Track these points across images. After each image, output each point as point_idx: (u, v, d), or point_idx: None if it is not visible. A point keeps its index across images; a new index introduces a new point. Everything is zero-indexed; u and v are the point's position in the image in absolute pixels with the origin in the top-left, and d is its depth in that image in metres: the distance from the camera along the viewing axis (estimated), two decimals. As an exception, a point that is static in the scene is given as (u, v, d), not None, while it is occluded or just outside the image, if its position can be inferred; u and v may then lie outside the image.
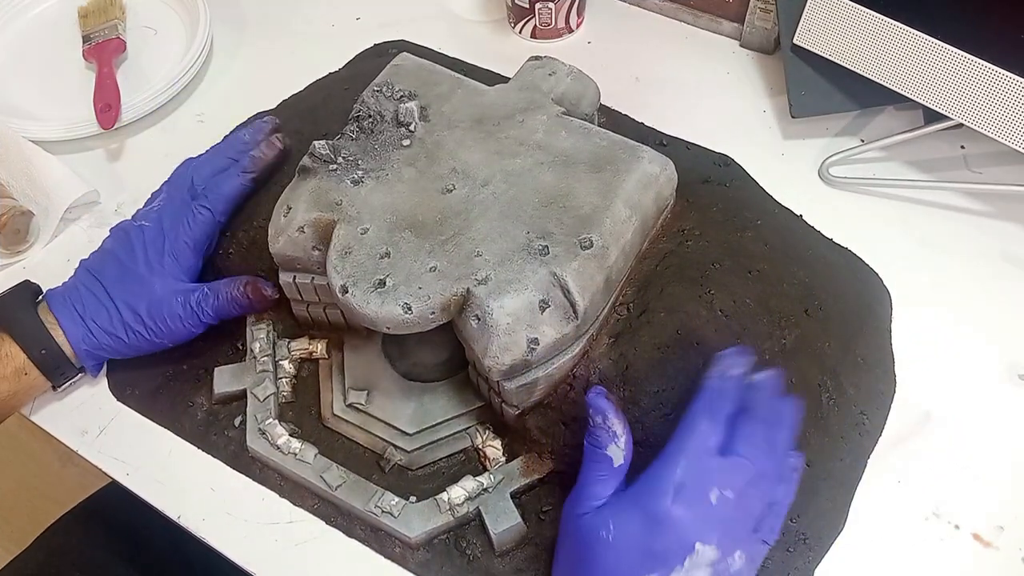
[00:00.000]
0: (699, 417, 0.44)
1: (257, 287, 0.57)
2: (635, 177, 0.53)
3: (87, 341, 0.55)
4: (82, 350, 0.55)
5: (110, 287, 0.56)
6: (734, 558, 0.42)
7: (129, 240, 0.57)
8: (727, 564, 0.41)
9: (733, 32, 0.79)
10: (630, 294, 0.54)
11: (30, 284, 0.58)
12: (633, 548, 0.42)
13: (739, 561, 0.42)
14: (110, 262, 0.57)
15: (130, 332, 0.55)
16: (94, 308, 0.55)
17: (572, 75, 0.60)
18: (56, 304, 0.56)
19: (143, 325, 0.55)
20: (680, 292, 0.53)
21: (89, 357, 0.56)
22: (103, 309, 0.55)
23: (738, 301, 0.53)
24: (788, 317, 0.54)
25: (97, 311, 0.55)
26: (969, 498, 0.53)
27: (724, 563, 0.41)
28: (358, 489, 0.53)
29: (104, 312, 0.55)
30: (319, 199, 0.53)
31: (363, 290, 0.49)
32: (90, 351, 0.56)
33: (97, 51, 0.79)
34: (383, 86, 0.58)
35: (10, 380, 0.54)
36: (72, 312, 0.55)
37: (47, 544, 0.70)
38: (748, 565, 0.43)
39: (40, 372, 0.55)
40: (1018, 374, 0.58)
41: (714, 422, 0.43)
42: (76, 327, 0.55)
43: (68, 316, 0.55)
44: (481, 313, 0.48)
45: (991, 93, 0.59)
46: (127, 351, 0.57)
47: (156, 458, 0.57)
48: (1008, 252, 0.64)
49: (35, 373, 0.55)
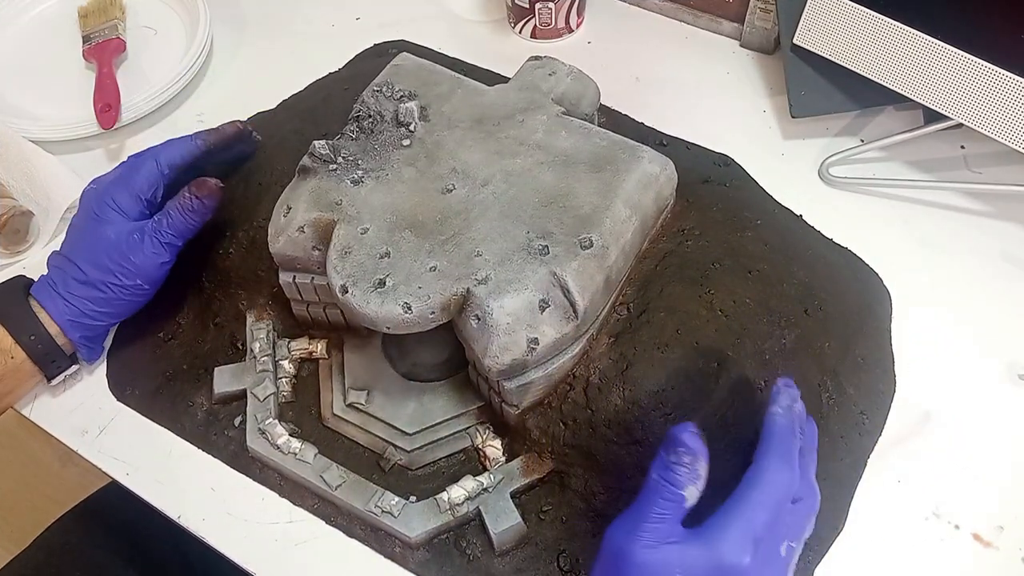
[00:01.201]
0: (777, 463, 0.41)
1: (201, 183, 0.57)
2: (635, 177, 0.53)
3: (68, 311, 0.55)
4: (66, 321, 0.55)
5: (71, 253, 0.56)
6: None
7: (81, 205, 0.58)
8: None
9: (733, 32, 0.79)
10: (630, 294, 0.54)
11: (23, 277, 0.59)
12: None
13: None
14: (69, 233, 0.58)
15: (102, 285, 0.55)
16: (63, 278, 0.56)
17: (572, 75, 0.60)
18: (37, 289, 0.57)
19: (111, 273, 0.55)
20: (680, 292, 0.53)
21: (75, 329, 0.56)
22: (70, 275, 0.56)
23: (738, 301, 0.53)
24: (788, 317, 0.54)
25: (66, 280, 0.56)
26: (969, 498, 0.53)
27: None
28: (358, 489, 0.53)
29: (72, 277, 0.56)
30: (319, 199, 0.53)
31: (363, 290, 0.49)
32: (74, 321, 0.56)
33: (97, 51, 0.79)
34: (383, 86, 0.58)
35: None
36: (49, 291, 0.56)
37: (47, 544, 0.70)
38: None
39: (28, 357, 0.55)
40: (1018, 374, 0.58)
41: (791, 468, 0.41)
42: (55, 302, 0.55)
43: (46, 295, 0.56)
44: (481, 313, 0.48)
45: (991, 93, 0.59)
46: (113, 310, 0.57)
47: (156, 458, 0.57)
48: (1008, 252, 0.64)
49: (22, 356, 0.55)
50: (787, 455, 0.42)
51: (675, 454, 0.41)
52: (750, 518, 0.39)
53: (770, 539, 0.40)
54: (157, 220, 0.56)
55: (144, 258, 0.56)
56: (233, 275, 0.61)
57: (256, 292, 0.61)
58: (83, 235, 0.57)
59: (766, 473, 0.41)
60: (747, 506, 0.40)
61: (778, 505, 0.40)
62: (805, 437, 0.44)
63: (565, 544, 0.52)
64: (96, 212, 0.57)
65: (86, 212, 0.57)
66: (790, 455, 0.42)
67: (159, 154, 0.59)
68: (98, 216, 0.57)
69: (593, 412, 0.51)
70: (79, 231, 0.58)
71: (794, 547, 0.41)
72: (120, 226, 0.56)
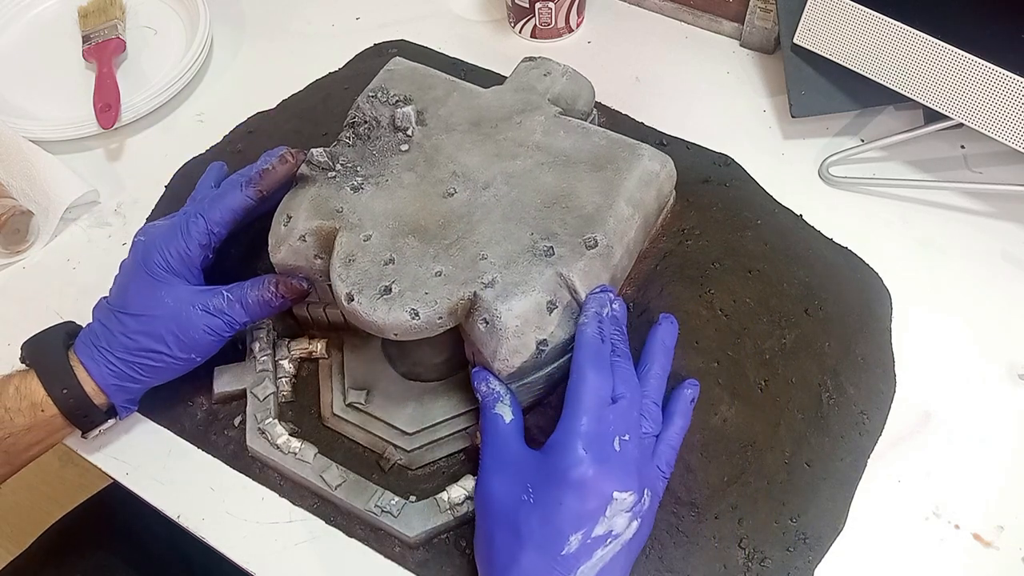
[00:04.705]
0: (587, 369, 0.45)
1: (289, 284, 0.53)
2: (636, 175, 0.53)
3: (112, 374, 0.52)
4: (109, 386, 0.52)
5: (122, 312, 0.52)
6: (645, 497, 0.44)
7: (131, 255, 0.54)
8: (641, 504, 0.44)
9: (733, 32, 0.79)
10: (630, 294, 0.54)
11: (69, 324, 0.56)
12: (555, 508, 0.43)
13: (647, 498, 0.44)
14: (118, 283, 0.54)
15: (155, 356, 0.52)
16: (109, 339, 0.52)
17: (567, 75, 0.60)
18: (81, 345, 0.53)
19: (164, 343, 0.51)
20: (680, 291, 0.53)
21: (119, 393, 0.53)
22: (118, 338, 0.52)
23: (738, 301, 0.53)
24: (788, 317, 0.54)
25: (111, 341, 0.52)
26: (969, 498, 0.53)
27: (639, 504, 0.44)
28: (358, 489, 0.53)
29: (121, 341, 0.52)
30: (319, 207, 0.53)
31: (369, 297, 0.49)
32: (118, 385, 0.52)
33: (97, 51, 0.79)
34: (378, 91, 0.58)
35: (26, 414, 0.51)
36: (91, 348, 0.52)
37: (47, 544, 0.70)
38: (654, 500, 0.46)
39: (59, 411, 0.51)
40: (1018, 374, 0.58)
41: (601, 371, 0.45)
42: (97, 364, 0.52)
43: (87, 353, 0.52)
44: (489, 316, 0.48)
45: (991, 93, 0.59)
46: (159, 377, 0.53)
47: (156, 458, 0.57)
48: (1008, 252, 0.64)
49: (52, 410, 0.51)
50: (593, 361, 0.45)
51: (477, 390, 0.49)
52: (571, 426, 0.44)
53: (598, 437, 0.43)
54: (229, 301, 0.52)
55: (203, 336, 0.52)
56: (233, 275, 0.61)
57: (256, 292, 0.61)
58: (136, 294, 0.52)
59: (577, 383, 0.45)
60: (568, 416, 0.44)
61: (594, 406, 0.44)
62: (620, 336, 0.48)
63: (565, 544, 0.51)
64: (148, 271, 0.52)
65: (137, 267, 0.53)
66: (596, 360, 0.45)
67: (209, 213, 0.53)
68: (151, 276, 0.52)
69: (593, 412, 0.51)
70: (131, 288, 0.53)
71: (627, 440, 0.44)
72: (178, 292, 0.52)
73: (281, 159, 0.54)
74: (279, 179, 0.54)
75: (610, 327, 0.48)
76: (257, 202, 0.54)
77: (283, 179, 0.54)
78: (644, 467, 0.45)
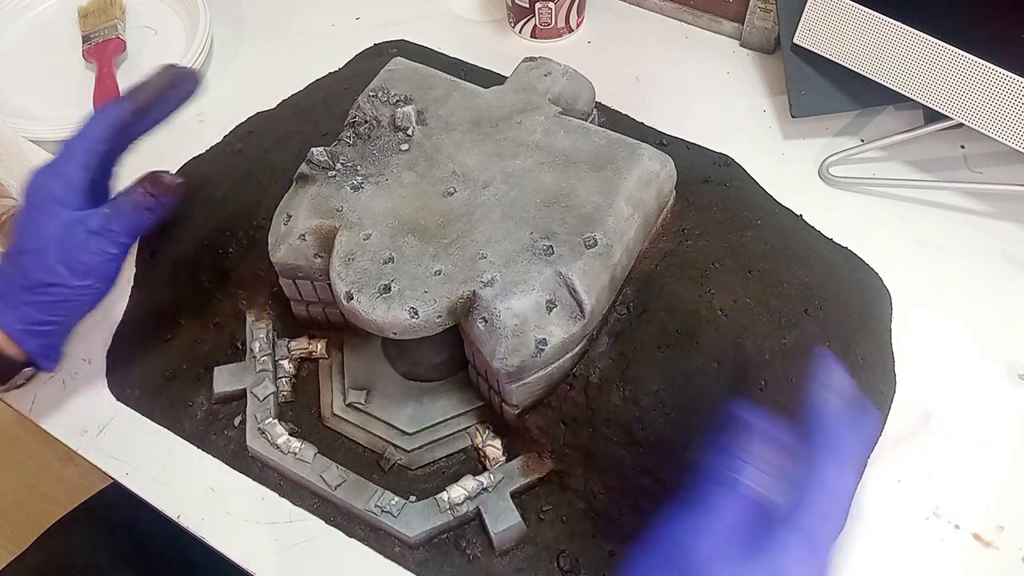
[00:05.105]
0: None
1: (157, 179, 0.51)
2: (636, 175, 0.53)
3: (17, 318, 0.50)
4: (16, 331, 0.50)
5: (14, 254, 0.51)
6: None
7: (23, 200, 0.52)
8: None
9: (733, 32, 0.79)
10: (630, 294, 0.54)
11: None
12: None
13: None
14: (12, 232, 0.52)
15: (51, 288, 0.50)
16: (7, 284, 0.51)
17: (567, 75, 0.60)
18: None
19: (57, 273, 0.49)
20: (680, 291, 0.53)
21: (30, 338, 0.51)
22: (15, 279, 0.50)
23: (738, 301, 0.53)
24: (788, 317, 0.54)
25: (11, 284, 0.50)
26: (969, 498, 0.53)
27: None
28: (358, 489, 0.53)
29: (18, 282, 0.50)
30: (319, 206, 0.53)
31: (368, 296, 0.49)
32: (27, 329, 0.50)
33: (97, 51, 0.79)
34: (378, 91, 0.58)
35: None
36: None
37: (47, 544, 0.70)
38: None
39: None
40: (1018, 374, 0.58)
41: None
42: (1, 312, 0.50)
43: None
44: (488, 315, 0.48)
45: (991, 93, 0.59)
46: (67, 312, 0.51)
47: (156, 458, 0.57)
48: (1008, 252, 0.64)
49: None
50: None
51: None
52: None
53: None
54: (106, 216, 0.50)
55: (92, 256, 0.50)
56: (233, 275, 0.61)
57: (256, 292, 0.61)
58: (25, 232, 0.51)
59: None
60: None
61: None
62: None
63: (565, 544, 0.52)
64: (35, 206, 0.51)
65: (27, 207, 0.51)
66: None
67: (88, 131, 0.52)
68: (38, 211, 0.50)
69: (593, 412, 0.51)
70: (20, 228, 0.51)
71: None
72: (61, 219, 0.50)
73: (159, 72, 0.53)
74: (153, 91, 0.52)
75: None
76: (133, 115, 0.52)
77: (156, 91, 0.53)
78: None
